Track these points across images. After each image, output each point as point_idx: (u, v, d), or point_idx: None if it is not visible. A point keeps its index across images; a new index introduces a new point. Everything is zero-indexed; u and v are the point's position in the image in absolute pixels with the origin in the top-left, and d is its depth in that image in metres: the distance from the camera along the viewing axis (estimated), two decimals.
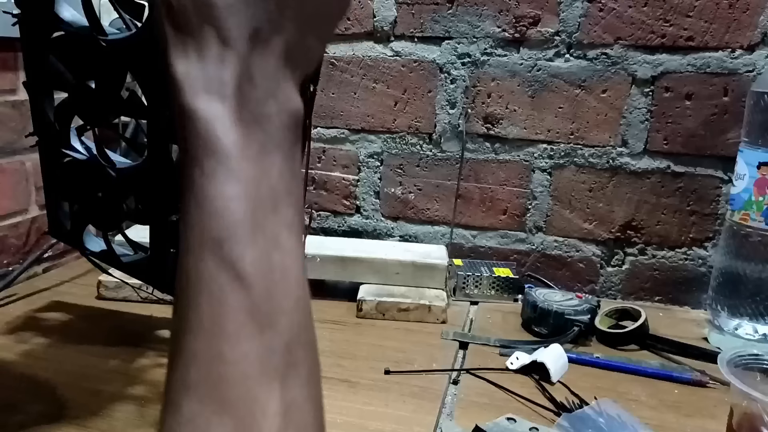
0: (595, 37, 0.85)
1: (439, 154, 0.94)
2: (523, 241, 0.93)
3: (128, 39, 0.47)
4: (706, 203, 0.86)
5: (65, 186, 0.58)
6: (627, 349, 0.72)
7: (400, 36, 0.92)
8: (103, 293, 0.79)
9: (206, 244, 0.24)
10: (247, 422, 0.23)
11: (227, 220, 0.24)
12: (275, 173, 0.26)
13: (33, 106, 0.56)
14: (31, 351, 0.65)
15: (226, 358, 0.23)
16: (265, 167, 0.26)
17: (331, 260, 0.83)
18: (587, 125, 0.88)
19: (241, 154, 0.25)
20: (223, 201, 0.24)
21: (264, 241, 0.25)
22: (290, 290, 0.25)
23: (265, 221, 0.25)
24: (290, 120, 0.27)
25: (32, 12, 0.51)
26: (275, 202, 0.26)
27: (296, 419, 0.24)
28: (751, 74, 0.81)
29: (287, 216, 0.26)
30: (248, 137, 0.25)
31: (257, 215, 0.25)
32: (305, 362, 0.25)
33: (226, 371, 0.23)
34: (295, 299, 0.26)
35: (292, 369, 0.25)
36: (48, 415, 0.54)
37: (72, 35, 0.50)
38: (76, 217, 0.60)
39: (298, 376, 0.25)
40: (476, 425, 0.53)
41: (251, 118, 0.26)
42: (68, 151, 0.56)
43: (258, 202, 0.25)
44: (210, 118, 0.25)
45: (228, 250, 0.24)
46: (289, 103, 0.27)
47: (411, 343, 0.72)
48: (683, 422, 0.58)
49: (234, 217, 0.24)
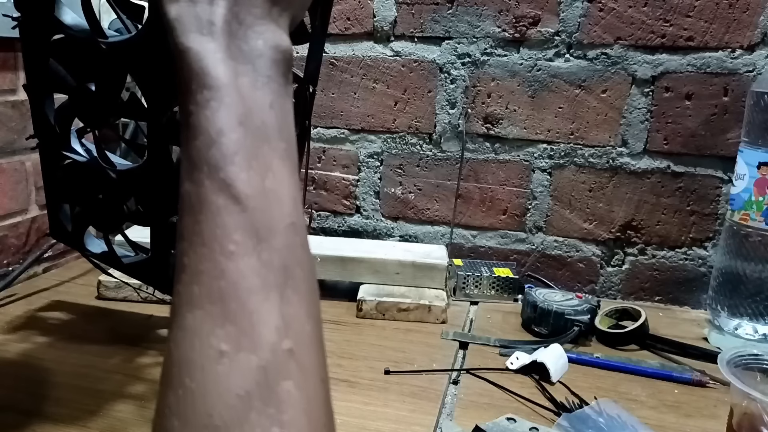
0: (595, 37, 0.85)
1: (439, 154, 0.94)
2: (523, 241, 0.93)
3: (128, 41, 0.47)
4: (706, 203, 0.86)
5: (66, 188, 0.58)
6: (627, 349, 0.72)
7: (400, 36, 0.92)
8: (103, 293, 0.79)
9: (203, 169, 0.26)
10: (247, 332, 0.24)
11: (222, 146, 0.26)
12: (266, 106, 0.27)
13: (33, 109, 0.56)
14: (31, 351, 0.66)
15: (226, 273, 0.25)
16: (256, 100, 0.27)
17: (331, 260, 0.83)
18: (587, 125, 0.88)
19: (232, 87, 0.27)
20: (217, 129, 0.26)
21: (258, 167, 0.26)
22: (284, 213, 0.27)
23: (257, 150, 0.26)
24: (279, 56, 0.28)
25: (32, 15, 0.51)
26: (267, 133, 0.27)
27: (295, 331, 0.25)
28: (751, 74, 0.81)
29: (279, 148, 0.27)
30: (238, 71, 0.27)
31: (250, 143, 0.26)
32: (303, 281, 0.26)
33: (227, 285, 0.25)
34: (290, 222, 0.27)
35: (290, 285, 0.26)
36: (48, 414, 0.54)
37: (72, 38, 0.50)
38: (76, 218, 0.60)
39: (296, 292, 0.26)
40: (476, 425, 0.53)
41: (240, 54, 0.27)
42: (69, 153, 0.56)
43: (250, 131, 0.26)
44: (201, 53, 0.27)
45: (224, 173, 0.26)
46: (278, 42, 0.29)
47: (411, 343, 0.72)
48: (683, 422, 0.58)
49: (228, 143, 0.26)
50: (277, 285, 0.25)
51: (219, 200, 0.25)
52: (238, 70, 0.27)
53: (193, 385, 0.24)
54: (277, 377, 0.24)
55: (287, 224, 0.26)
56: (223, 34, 0.27)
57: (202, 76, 0.26)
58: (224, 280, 0.25)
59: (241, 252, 0.25)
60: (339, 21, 0.93)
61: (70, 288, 0.84)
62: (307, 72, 0.53)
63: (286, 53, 0.29)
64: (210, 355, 0.24)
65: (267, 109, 0.27)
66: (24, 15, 0.51)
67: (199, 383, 0.24)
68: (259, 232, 0.25)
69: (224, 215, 0.25)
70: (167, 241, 0.54)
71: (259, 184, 0.26)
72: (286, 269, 0.26)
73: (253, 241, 0.25)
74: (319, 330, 0.27)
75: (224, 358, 0.24)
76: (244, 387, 0.23)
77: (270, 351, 0.24)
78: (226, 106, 0.26)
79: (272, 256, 0.25)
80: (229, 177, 0.25)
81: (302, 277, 0.26)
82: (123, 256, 0.59)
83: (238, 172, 0.26)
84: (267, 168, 0.26)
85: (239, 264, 0.25)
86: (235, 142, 0.26)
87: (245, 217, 0.25)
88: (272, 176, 0.27)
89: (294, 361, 0.25)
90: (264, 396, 0.23)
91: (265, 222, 0.26)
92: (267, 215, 0.26)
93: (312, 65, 0.53)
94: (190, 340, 0.24)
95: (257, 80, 0.27)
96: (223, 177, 0.25)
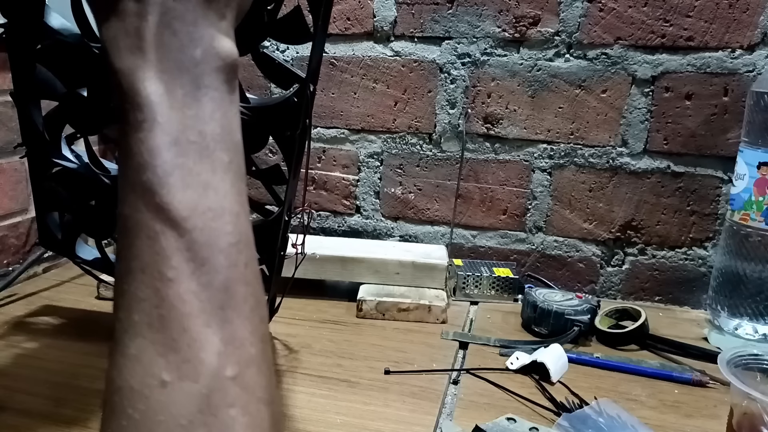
0: (595, 37, 0.85)
1: (439, 154, 0.94)
2: (523, 241, 0.93)
3: None
4: (706, 203, 0.85)
5: (56, 195, 0.58)
6: (627, 349, 0.72)
7: (400, 36, 0.92)
8: (103, 293, 0.79)
9: (138, 193, 0.25)
10: (189, 359, 0.24)
11: (156, 168, 0.25)
12: (205, 118, 0.26)
13: (21, 117, 0.55)
14: (30, 351, 0.65)
15: (165, 300, 0.24)
16: (193, 113, 0.26)
17: (331, 260, 0.83)
18: (587, 125, 0.88)
19: (166, 103, 0.25)
20: (149, 150, 0.25)
21: (196, 185, 0.25)
22: (226, 231, 0.26)
23: (195, 166, 0.26)
24: (220, 63, 0.27)
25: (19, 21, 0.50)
26: (206, 146, 0.26)
27: (239, 354, 0.25)
28: (751, 74, 0.81)
29: (220, 160, 0.26)
30: (172, 85, 0.26)
31: (186, 161, 0.25)
32: (246, 300, 0.26)
33: (167, 313, 0.24)
34: (233, 238, 0.26)
35: (232, 306, 0.25)
36: (47, 414, 0.54)
37: (61, 43, 0.49)
38: (67, 226, 0.59)
39: (239, 314, 0.25)
40: (476, 425, 0.53)
41: (175, 67, 0.26)
42: (59, 160, 0.55)
43: (186, 148, 0.26)
44: (131, 72, 0.25)
45: (159, 197, 0.25)
46: (218, 48, 0.27)
47: (411, 343, 0.72)
48: (683, 422, 0.58)
49: (162, 165, 0.25)
50: (219, 308, 0.25)
51: (156, 225, 0.25)
52: (172, 84, 0.26)
53: (136, 414, 0.24)
54: (220, 404, 0.24)
55: (229, 243, 0.26)
56: (154, 48, 0.26)
57: (132, 96, 0.25)
58: (164, 307, 0.24)
59: (180, 277, 0.24)
60: (339, 21, 0.93)
61: (70, 288, 0.84)
62: (308, 71, 0.53)
63: (227, 59, 0.27)
64: (152, 384, 0.24)
65: (207, 120, 0.26)
66: (11, 20, 0.51)
67: (143, 413, 0.24)
68: (198, 254, 0.25)
69: (161, 240, 0.25)
70: None
71: (197, 204, 0.25)
72: (228, 290, 0.25)
73: (191, 265, 0.25)
74: (266, 349, 0.27)
75: (166, 387, 0.24)
76: (188, 416, 0.23)
77: (212, 377, 0.24)
78: (158, 125, 0.25)
79: (212, 278, 0.25)
80: (164, 201, 0.25)
81: (245, 296, 0.26)
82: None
83: (174, 194, 0.25)
84: (206, 185, 0.26)
85: (179, 289, 0.24)
86: (170, 163, 0.25)
87: (183, 242, 0.25)
88: (212, 193, 0.26)
89: (238, 386, 0.24)
90: (209, 423, 0.23)
91: (204, 243, 0.25)
92: (206, 235, 0.25)
93: (313, 65, 0.53)
94: (132, 369, 0.24)
95: (194, 92, 0.26)
96: (158, 201, 0.25)
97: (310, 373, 0.64)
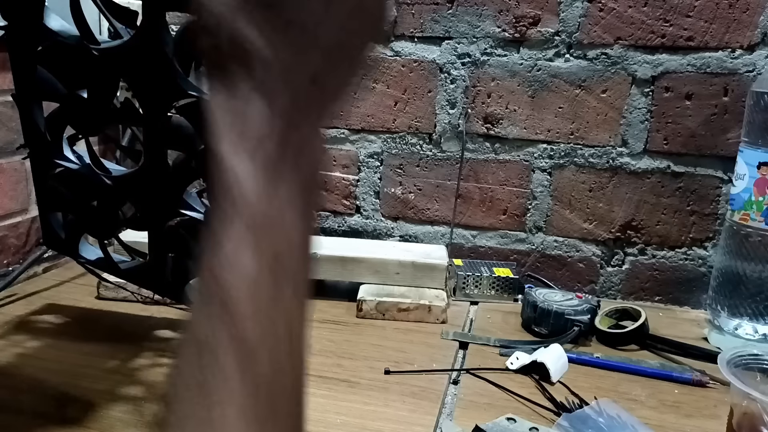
0: (595, 37, 0.85)
1: (439, 154, 0.94)
2: (523, 241, 0.93)
3: (121, 47, 0.46)
4: (706, 203, 0.85)
5: (59, 196, 0.58)
6: (627, 349, 0.72)
7: (400, 36, 0.92)
8: (103, 293, 0.79)
9: (213, 300, 0.24)
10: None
11: (236, 272, 0.24)
12: (291, 228, 0.25)
13: (23, 118, 0.55)
14: (30, 351, 0.65)
15: (214, 423, 0.23)
16: (284, 221, 0.25)
17: (331, 260, 0.83)
18: (587, 125, 0.88)
19: (263, 209, 0.24)
20: (236, 253, 0.24)
21: (268, 300, 0.25)
22: (286, 349, 0.27)
23: (275, 285, 0.25)
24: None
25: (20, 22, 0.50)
26: (287, 265, 0.25)
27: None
28: (751, 74, 0.80)
29: (298, 279, 0.26)
30: (274, 192, 0.24)
31: (267, 275, 0.24)
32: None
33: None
34: (290, 359, 0.27)
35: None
36: (47, 414, 0.54)
37: (61, 45, 0.49)
38: (70, 226, 0.59)
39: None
40: (476, 425, 0.53)
41: (278, 176, 0.24)
42: (61, 161, 0.55)
43: (271, 262, 0.24)
44: (240, 175, 0.24)
45: (233, 307, 0.24)
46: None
47: (411, 343, 0.72)
48: (683, 422, 0.58)
49: (244, 270, 0.24)
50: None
51: (228, 358, 0.24)
52: (274, 191, 0.24)
53: None
54: None
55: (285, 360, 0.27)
56: (270, 153, 0.24)
57: (236, 198, 0.24)
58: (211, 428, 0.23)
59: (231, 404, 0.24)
60: None
61: (70, 288, 0.84)
62: None
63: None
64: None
65: (291, 230, 0.25)
66: (11, 22, 0.51)
67: None
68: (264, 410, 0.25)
69: (231, 380, 0.24)
70: (165, 245, 0.54)
71: (267, 322, 0.25)
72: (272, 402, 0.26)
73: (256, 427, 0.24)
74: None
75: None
76: None
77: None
78: (248, 229, 0.24)
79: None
80: (239, 329, 0.24)
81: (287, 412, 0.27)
82: (120, 262, 0.58)
83: (246, 307, 0.24)
84: (277, 301, 0.25)
85: (227, 413, 0.24)
86: (252, 272, 0.24)
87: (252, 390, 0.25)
88: (281, 309, 0.25)
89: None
90: None
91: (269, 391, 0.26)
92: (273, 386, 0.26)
93: None
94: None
95: (291, 201, 0.25)
96: (230, 310, 0.24)
97: (310, 373, 0.64)
